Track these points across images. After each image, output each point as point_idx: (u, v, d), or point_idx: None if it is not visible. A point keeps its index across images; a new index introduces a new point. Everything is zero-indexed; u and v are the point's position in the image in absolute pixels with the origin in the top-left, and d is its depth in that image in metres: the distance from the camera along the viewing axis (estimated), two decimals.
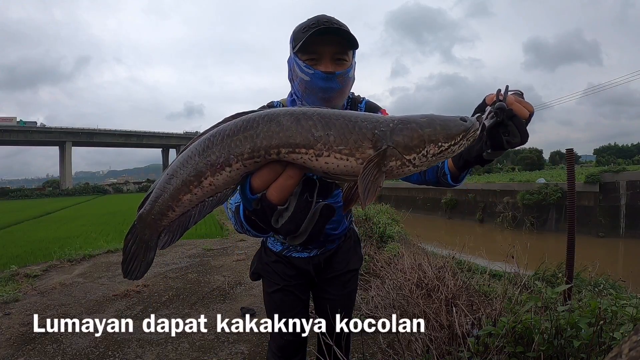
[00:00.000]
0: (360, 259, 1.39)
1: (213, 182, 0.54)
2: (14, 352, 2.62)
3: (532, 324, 1.32)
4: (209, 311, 3.38)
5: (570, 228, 2.56)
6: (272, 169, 0.54)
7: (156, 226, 0.58)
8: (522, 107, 0.73)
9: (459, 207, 19.17)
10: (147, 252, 0.60)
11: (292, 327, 1.25)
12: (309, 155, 0.52)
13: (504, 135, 0.72)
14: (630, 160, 49.67)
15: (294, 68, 1.03)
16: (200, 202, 0.56)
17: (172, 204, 0.56)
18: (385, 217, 6.50)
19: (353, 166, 0.53)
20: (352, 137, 0.53)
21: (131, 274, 0.61)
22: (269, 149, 0.52)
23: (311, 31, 0.95)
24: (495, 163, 55.26)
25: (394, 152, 0.54)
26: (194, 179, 0.54)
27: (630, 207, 12.60)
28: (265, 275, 1.29)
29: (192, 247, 6.50)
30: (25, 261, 5.97)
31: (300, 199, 0.58)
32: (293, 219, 0.58)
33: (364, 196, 0.52)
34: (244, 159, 0.53)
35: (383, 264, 3.78)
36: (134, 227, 0.60)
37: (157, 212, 0.57)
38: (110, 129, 65.80)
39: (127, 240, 0.60)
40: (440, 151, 0.57)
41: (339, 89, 1.01)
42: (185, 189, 0.55)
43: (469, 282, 2.83)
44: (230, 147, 0.53)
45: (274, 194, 0.56)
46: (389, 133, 0.54)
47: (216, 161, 0.53)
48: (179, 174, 0.55)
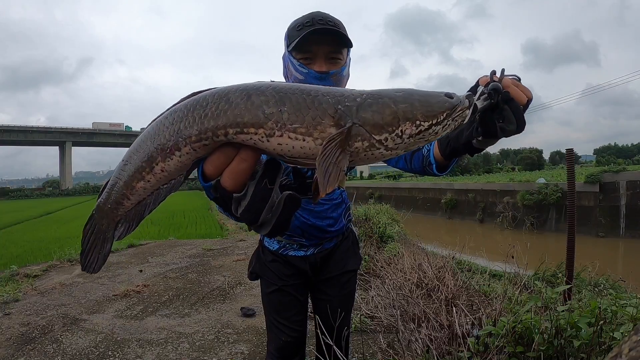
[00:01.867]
0: (359, 259, 1.38)
1: (164, 168, 0.50)
2: (14, 352, 2.62)
3: (532, 324, 1.32)
4: (209, 311, 3.38)
5: (570, 228, 2.57)
6: (223, 152, 0.49)
7: (113, 216, 0.55)
8: (520, 90, 0.66)
9: (459, 207, 19.18)
10: (104, 243, 0.57)
11: (290, 327, 1.24)
12: (259, 136, 0.46)
13: (497, 121, 0.64)
14: (630, 160, 49.67)
15: (289, 66, 1.04)
16: (154, 189, 0.52)
17: (126, 192, 0.52)
18: (385, 217, 6.50)
19: (311, 147, 0.46)
20: (309, 113, 0.46)
21: (89, 266, 0.58)
22: (216, 129, 0.47)
23: (306, 31, 0.95)
24: (495, 163, 55.16)
25: (360, 131, 0.46)
26: (146, 164, 0.50)
27: (630, 207, 12.60)
28: (262, 275, 1.29)
29: (192, 247, 6.50)
30: (25, 261, 5.98)
31: (258, 186, 0.51)
32: (250, 208, 0.51)
33: (324, 181, 0.44)
34: (192, 141, 0.48)
35: (383, 264, 3.78)
36: (92, 217, 0.57)
37: (113, 201, 0.54)
38: (110, 129, 65.83)
39: (85, 231, 0.58)
40: (419, 131, 0.49)
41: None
42: (139, 176, 0.51)
43: (469, 282, 2.83)
44: (179, 129, 0.48)
45: (228, 181, 0.50)
46: (355, 109, 0.47)
47: (166, 145, 0.49)
48: (132, 160, 0.52)
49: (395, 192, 23.92)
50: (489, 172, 37.45)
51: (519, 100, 0.64)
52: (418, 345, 1.69)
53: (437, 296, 2.44)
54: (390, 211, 7.94)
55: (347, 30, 1.01)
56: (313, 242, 1.24)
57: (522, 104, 0.65)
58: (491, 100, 0.62)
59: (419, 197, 21.94)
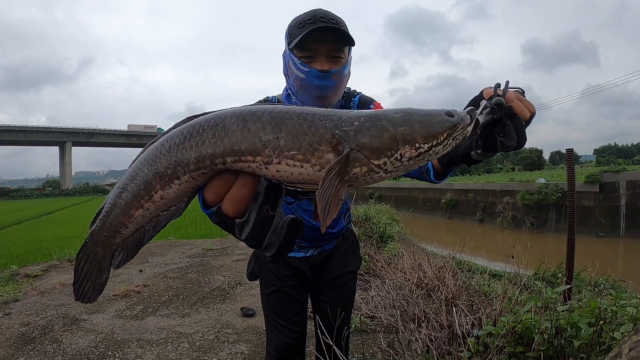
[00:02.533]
0: (359, 260, 1.37)
1: (164, 196, 0.49)
2: (14, 352, 2.62)
3: (532, 324, 1.32)
4: (209, 311, 3.38)
5: (570, 228, 2.57)
6: (222, 179, 0.48)
7: (109, 244, 0.53)
8: (523, 106, 0.64)
9: (459, 207, 19.17)
10: (100, 272, 0.55)
11: (290, 328, 1.23)
12: (257, 164, 0.45)
13: (498, 136, 0.63)
14: (630, 160, 49.67)
15: (289, 64, 1.02)
16: (154, 217, 0.51)
17: (124, 220, 0.51)
18: (385, 217, 6.50)
19: (309, 174, 0.45)
20: (306, 139, 0.45)
21: (84, 296, 0.55)
22: (214, 158, 0.46)
23: (307, 29, 0.94)
24: (495, 163, 55.24)
25: (358, 157, 0.45)
26: (145, 192, 0.49)
27: (630, 207, 12.59)
28: (262, 275, 1.28)
29: (192, 247, 6.50)
30: (25, 261, 5.98)
31: (260, 213, 0.50)
32: (253, 234, 0.51)
33: (324, 214, 0.44)
34: (191, 170, 0.47)
35: (383, 264, 3.78)
36: (85, 245, 0.55)
37: (108, 228, 0.52)
38: (110, 129, 65.90)
39: (78, 259, 0.55)
40: (419, 154, 0.48)
41: (334, 86, 1.00)
42: (137, 204, 0.49)
43: (469, 282, 2.83)
44: (177, 157, 0.47)
45: (229, 207, 0.49)
46: (352, 133, 0.46)
47: (164, 173, 0.47)
48: (129, 188, 0.50)
49: (395, 192, 23.92)
50: (489, 172, 37.46)
51: (522, 115, 0.63)
52: (418, 345, 1.69)
53: (437, 296, 2.44)
54: (390, 211, 7.95)
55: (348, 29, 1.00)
56: (312, 244, 1.24)
57: (525, 120, 0.64)
58: (494, 115, 0.61)
59: (419, 197, 21.94)
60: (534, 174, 22.22)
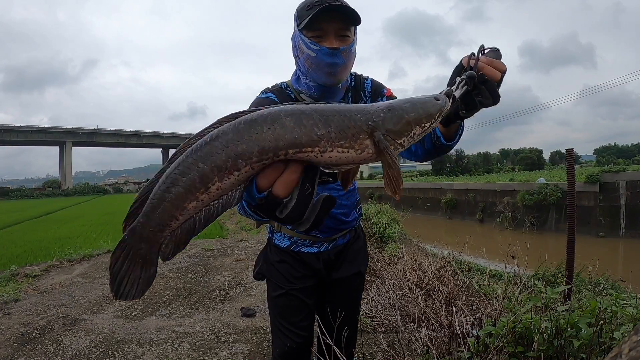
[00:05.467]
0: (368, 261, 1.39)
1: (220, 187, 0.55)
2: (14, 352, 2.62)
3: (532, 324, 1.32)
4: (209, 311, 3.38)
5: (570, 228, 2.56)
6: (276, 167, 0.57)
7: (156, 238, 0.56)
8: (493, 68, 0.75)
9: (459, 207, 19.17)
10: (145, 266, 0.57)
11: (296, 333, 1.21)
12: (315, 153, 0.56)
13: (476, 97, 0.76)
14: (630, 160, 49.66)
15: (299, 45, 1.06)
16: (204, 206, 0.56)
17: (175, 212, 0.54)
18: (385, 217, 6.49)
19: (353, 157, 0.59)
20: (350, 131, 0.58)
21: (126, 294, 0.56)
22: (277, 150, 0.55)
23: (316, 9, 0.98)
24: (495, 163, 55.27)
25: (388, 139, 0.60)
26: (201, 185, 0.54)
27: (630, 207, 12.59)
28: (269, 276, 1.25)
29: (192, 247, 6.50)
30: (25, 261, 5.97)
31: (302, 192, 0.61)
32: (296, 209, 0.61)
33: (397, 185, 0.60)
34: (253, 162, 0.55)
35: (383, 264, 3.78)
36: (123, 242, 0.56)
37: (156, 223, 0.55)
38: (110, 129, 65.91)
39: (116, 257, 0.56)
40: (423, 131, 0.64)
41: (343, 63, 1.05)
42: (191, 197, 0.54)
43: (469, 282, 2.82)
44: (236, 152, 0.54)
45: (281, 189, 0.58)
46: (381, 123, 0.59)
47: (223, 166, 0.54)
48: (180, 182, 0.53)
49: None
50: (489, 172, 37.44)
51: (493, 78, 0.75)
52: (418, 345, 1.69)
53: (437, 296, 2.44)
54: (390, 211, 7.93)
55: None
56: (327, 235, 1.22)
57: (497, 81, 0.76)
58: (467, 87, 0.74)
59: (419, 197, 21.93)
60: (534, 174, 22.21)
